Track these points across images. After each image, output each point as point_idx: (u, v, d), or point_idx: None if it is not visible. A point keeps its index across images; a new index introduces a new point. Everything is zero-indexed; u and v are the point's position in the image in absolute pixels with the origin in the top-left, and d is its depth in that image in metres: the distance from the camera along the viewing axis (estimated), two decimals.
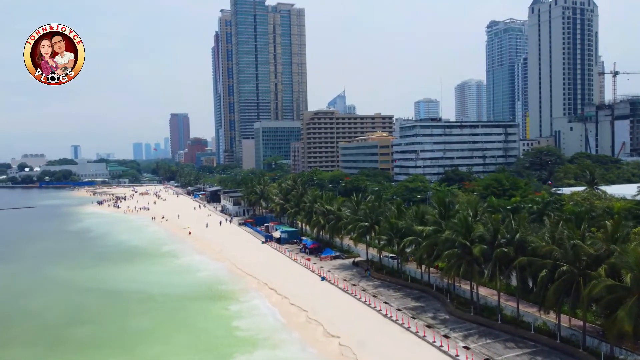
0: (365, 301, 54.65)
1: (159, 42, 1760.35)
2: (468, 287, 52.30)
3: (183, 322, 52.26)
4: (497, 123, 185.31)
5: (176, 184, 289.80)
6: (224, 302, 59.10)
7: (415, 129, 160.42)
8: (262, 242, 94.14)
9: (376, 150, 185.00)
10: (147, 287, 66.79)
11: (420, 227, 54.44)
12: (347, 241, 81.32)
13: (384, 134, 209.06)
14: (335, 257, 78.08)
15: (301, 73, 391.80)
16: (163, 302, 60.44)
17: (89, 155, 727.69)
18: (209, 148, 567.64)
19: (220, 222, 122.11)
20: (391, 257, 69.81)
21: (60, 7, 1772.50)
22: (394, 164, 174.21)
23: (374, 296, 56.87)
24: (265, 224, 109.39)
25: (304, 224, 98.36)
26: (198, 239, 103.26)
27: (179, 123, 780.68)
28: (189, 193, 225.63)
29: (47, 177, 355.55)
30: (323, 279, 65.17)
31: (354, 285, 61.98)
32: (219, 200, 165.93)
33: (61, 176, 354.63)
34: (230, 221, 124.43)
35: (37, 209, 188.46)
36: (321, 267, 72.43)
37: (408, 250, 59.55)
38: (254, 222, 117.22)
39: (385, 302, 54.23)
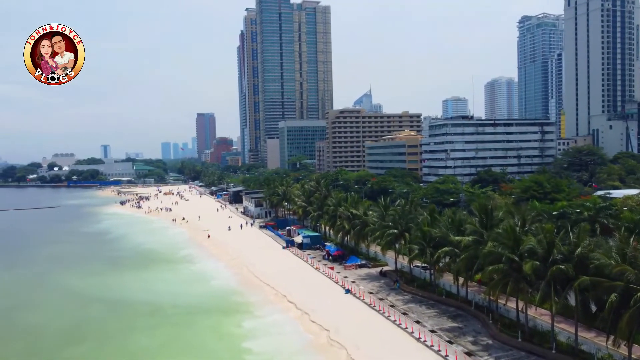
0: (395, 320, 48.36)
1: (186, 42, 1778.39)
2: (513, 306, 45.61)
3: (190, 341, 46.93)
4: (532, 121, 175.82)
5: (200, 184, 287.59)
6: (237, 316, 53.60)
7: (445, 128, 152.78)
8: (283, 248, 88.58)
9: (404, 150, 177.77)
10: (157, 298, 61.86)
11: (458, 238, 47.86)
12: (374, 248, 75.13)
13: (412, 133, 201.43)
14: (361, 266, 71.92)
15: (326, 71, 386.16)
16: (172, 315, 55.30)
17: (119, 154, 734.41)
18: (234, 147, 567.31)
19: (241, 226, 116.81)
20: (422, 267, 63.36)
21: (93, 9, 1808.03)
22: (422, 164, 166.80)
23: (404, 313, 50.57)
24: (287, 228, 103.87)
25: (327, 228, 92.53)
26: (216, 243, 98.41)
27: (205, 123, 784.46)
28: (212, 193, 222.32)
29: (74, 177, 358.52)
30: (347, 291, 59.11)
31: (381, 299, 55.77)
32: (241, 201, 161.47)
33: (88, 175, 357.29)
34: (252, 224, 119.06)
35: (60, 208, 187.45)
36: (345, 277, 66.43)
37: (443, 262, 53.09)
38: (275, 225, 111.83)
39: (417, 322, 47.90)
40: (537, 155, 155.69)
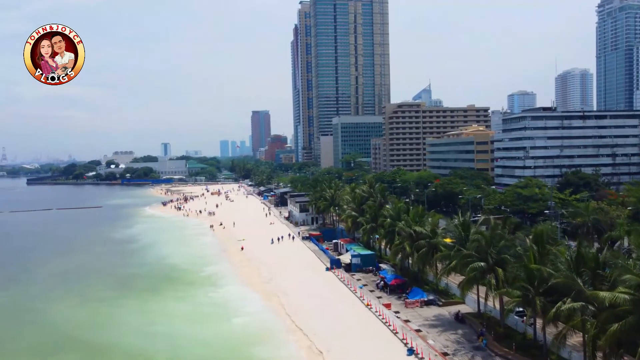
0: None
1: (241, 40, 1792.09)
2: None
3: None
4: (632, 113, 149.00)
5: (250, 183, 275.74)
6: None
7: (523, 121, 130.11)
8: (327, 269, 71.13)
9: (472, 147, 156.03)
10: (152, 346, 46.07)
11: (604, 294, 28.56)
12: (446, 278, 56.36)
13: (481, 128, 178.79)
14: (428, 303, 53.38)
15: (383, 65, 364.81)
16: None
17: (179, 152, 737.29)
18: (288, 145, 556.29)
19: (279, 239, 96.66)
20: (518, 312, 44.11)
21: (152, 12, 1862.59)
22: (494, 163, 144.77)
23: None
24: (334, 241, 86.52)
25: (383, 244, 74.36)
26: (249, 258, 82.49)
27: (260, 120, 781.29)
28: (259, 193, 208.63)
29: (128, 174, 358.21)
30: (411, 351, 40.84)
31: None
32: (287, 204, 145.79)
33: (142, 173, 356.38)
34: (294, 238, 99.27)
35: (102, 209, 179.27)
36: (407, 320, 48.27)
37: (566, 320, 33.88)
38: (320, 236, 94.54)
39: None
40: (636, 153, 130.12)
